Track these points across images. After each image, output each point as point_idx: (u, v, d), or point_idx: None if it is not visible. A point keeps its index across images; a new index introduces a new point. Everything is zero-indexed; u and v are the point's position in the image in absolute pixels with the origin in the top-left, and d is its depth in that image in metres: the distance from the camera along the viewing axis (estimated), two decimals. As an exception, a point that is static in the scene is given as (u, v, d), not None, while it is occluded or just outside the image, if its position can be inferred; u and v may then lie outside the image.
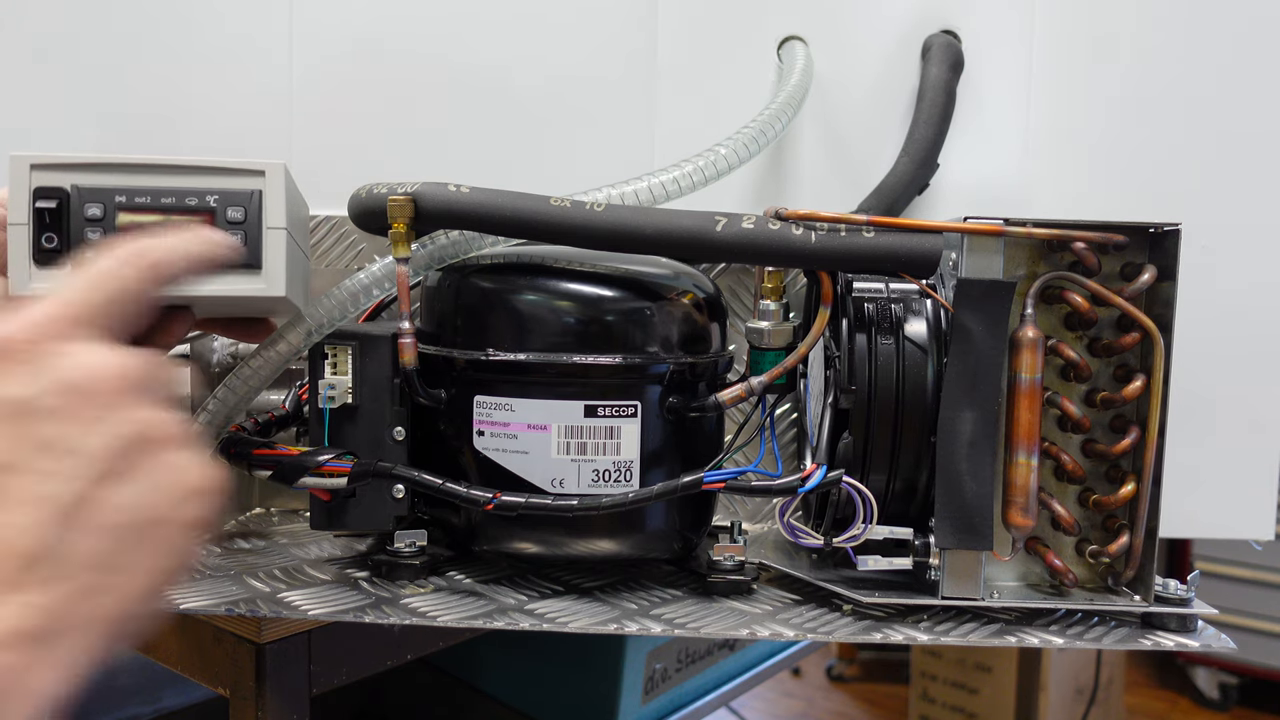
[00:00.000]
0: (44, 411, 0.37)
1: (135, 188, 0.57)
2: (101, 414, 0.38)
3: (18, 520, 0.36)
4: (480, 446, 0.67)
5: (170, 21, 0.88)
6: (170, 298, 0.58)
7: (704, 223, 0.63)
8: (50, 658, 0.36)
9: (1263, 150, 0.81)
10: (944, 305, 0.67)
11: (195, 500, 0.40)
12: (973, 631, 0.65)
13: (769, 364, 0.67)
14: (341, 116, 0.88)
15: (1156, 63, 0.82)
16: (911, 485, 0.68)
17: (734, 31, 0.86)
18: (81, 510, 0.37)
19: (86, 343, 0.40)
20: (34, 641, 0.35)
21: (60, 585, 0.36)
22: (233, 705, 0.70)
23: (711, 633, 0.64)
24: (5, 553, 0.35)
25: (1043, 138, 0.84)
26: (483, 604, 0.67)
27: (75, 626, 0.36)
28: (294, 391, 0.79)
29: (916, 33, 0.85)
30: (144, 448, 0.39)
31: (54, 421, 0.37)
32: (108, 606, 0.37)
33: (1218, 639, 0.66)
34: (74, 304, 0.41)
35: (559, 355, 0.65)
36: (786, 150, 0.86)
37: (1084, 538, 0.69)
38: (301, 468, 0.66)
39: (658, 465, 0.68)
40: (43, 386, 0.38)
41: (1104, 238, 0.63)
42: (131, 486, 0.38)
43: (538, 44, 0.88)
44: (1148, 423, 0.65)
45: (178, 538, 0.40)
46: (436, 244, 0.67)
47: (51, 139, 0.88)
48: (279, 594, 0.67)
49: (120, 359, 0.40)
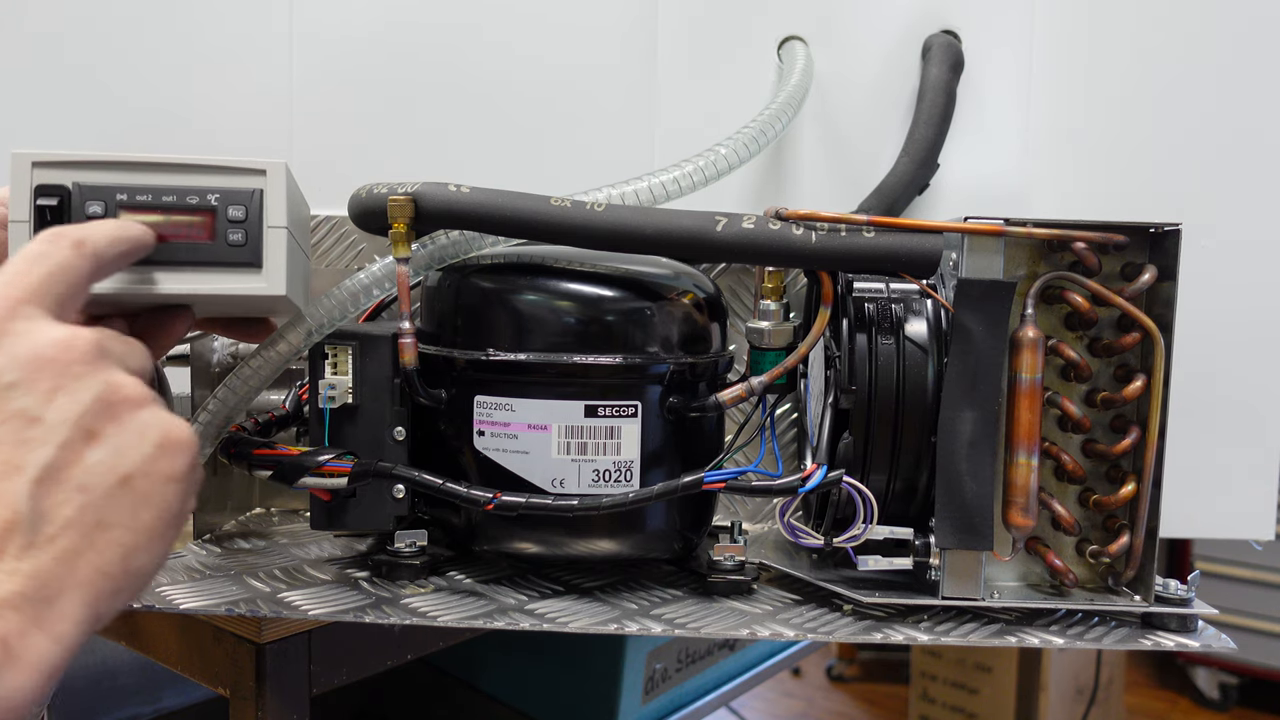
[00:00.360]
0: (6, 385, 0.38)
1: (136, 186, 0.57)
2: (62, 382, 0.39)
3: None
4: (480, 446, 0.67)
5: (171, 21, 0.88)
6: (170, 297, 0.58)
7: (704, 223, 0.63)
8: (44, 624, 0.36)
9: (1263, 150, 0.81)
10: (944, 305, 0.67)
11: (169, 454, 0.41)
12: (973, 631, 0.65)
13: (769, 364, 0.67)
14: (341, 116, 0.88)
15: (1156, 63, 0.82)
16: (912, 485, 0.68)
17: (734, 31, 0.86)
18: (55, 475, 0.38)
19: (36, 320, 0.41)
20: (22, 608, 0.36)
21: (43, 550, 0.37)
22: (233, 705, 0.70)
23: (711, 633, 0.64)
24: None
25: (1043, 138, 0.84)
26: (483, 604, 0.67)
27: (67, 589, 0.37)
28: (294, 391, 0.79)
29: (916, 33, 0.85)
30: (109, 410, 0.40)
31: (16, 394, 0.38)
32: (98, 566, 0.38)
33: (1218, 639, 0.66)
34: (14, 285, 0.42)
35: (559, 355, 0.66)
36: (786, 150, 0.86)
37: (1084, 538, 0.69)
38: (301, 468, 0.66)
39: (658, 465, 0.68)
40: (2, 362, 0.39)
41: (1104, 238, 0.63)
42: (102, 447, 0.39)
43: (538, 44, 0.88)
44: (1148, 423, 0.65)
45: (159, 491, 0.41)
46: (436, 244, 0.67)
47: (52, 137, 0.88)
48: (279, 594, 0.67)
49: (73, 331, 0.41)
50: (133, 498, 0.40)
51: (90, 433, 0.39)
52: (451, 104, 0.88)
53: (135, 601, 0.64)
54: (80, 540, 0.38)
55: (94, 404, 0.40)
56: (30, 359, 0.39)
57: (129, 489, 0.40)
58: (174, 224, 0.57)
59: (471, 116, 0.88)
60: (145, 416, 0.41)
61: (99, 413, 0.40)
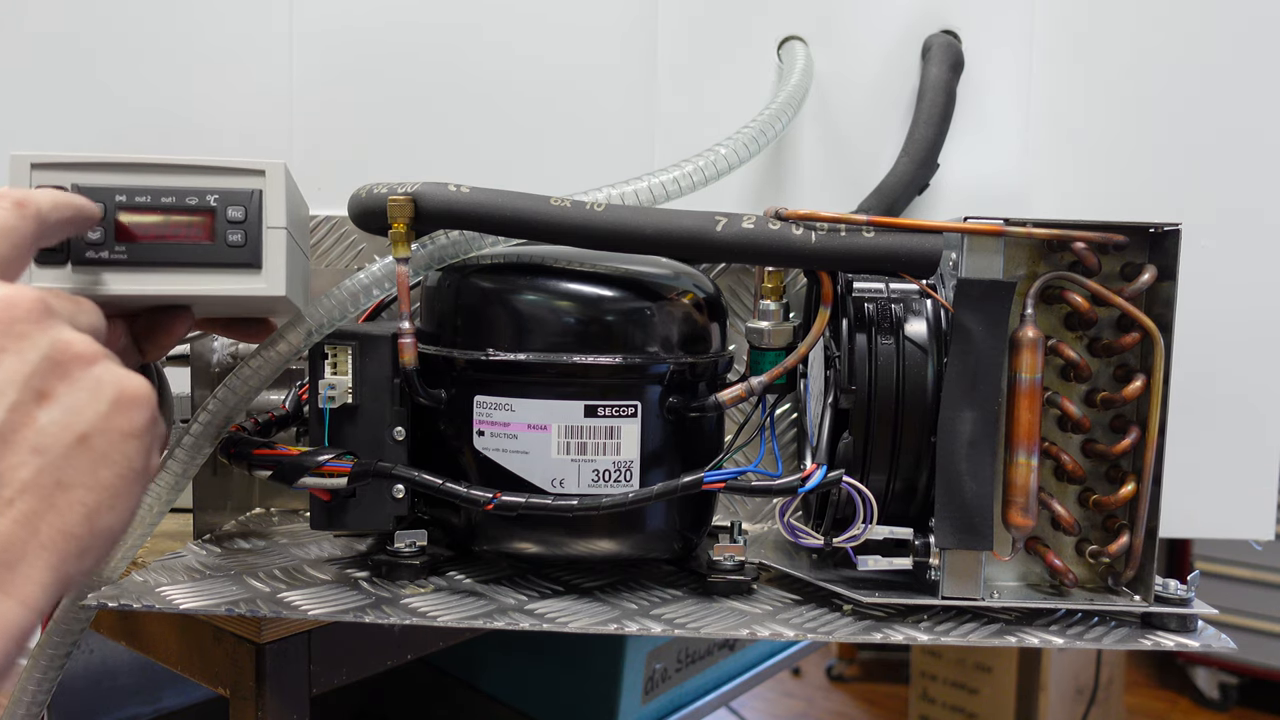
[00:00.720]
0: None
1: (136, 187, 0.57)
2: (6, 343, 0.38)
3: None
4: (480, 446, 0.67)
5: (170, 21, 0.88)
6: (170, 298, 0.58)
7: (704, 223, 0.63)
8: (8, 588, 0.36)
9: (1263, 150, 0.81)
10: (944, 305, 0.67)
11: (126, 409, 0.40)
12: (973, 631, 0.65)
13: (769, 364, 0.67)
14: (341, 117, 0.88)
15: (1156, 63, 0.82)
16: (911, 485, 0.68)
17: (734, 31, 0.86)
18: (7, 438, 0.37)
19: None
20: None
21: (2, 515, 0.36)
22: (233, 705, 0.70)
23: (711, 633, 0.64)
24: None
25: (1043, 138, 0.84)
26: (483, 604, 0.67)
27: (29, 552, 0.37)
28: (294, 391, 0.79)
29: (916, 33, 0.85)
30: (61, 368, 0.39)
31: None
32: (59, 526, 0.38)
33: (1218, 639, 0.66)
34: None
35: (559, 355, 0.66)
36: (786, 150, 0.86)
37: (1084, 538, 0.69)
38: (301, 468, 0.66)
39: (658, 465, 0.68)
40: None
41: (1104, 238, 0.63)
42: (55, 406, 0.39)
43: (538, 44, 0.88)
44: (1148, 423, 0.65)
45: (118, 448, 0.40)
46: (436, 244, 0.67)
47: (53, 137, 0.88)
48: (279, 594, 0.67)
49: (14, 289, 0.40)
50: (91, 456, 0.39)
51: (41, 393, 0.38)
52: (451, 104, 0.88)
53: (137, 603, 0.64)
54: (39, 503, 0.37)
55: (42, 363, 0.39)
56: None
57: (86, 447, 0.39)
58: (173, 225, 0.57)
59: (471, 116, 0.88)
60: (98, 373, 0.40)
61: (48, 372, 0.39)
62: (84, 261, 0.56)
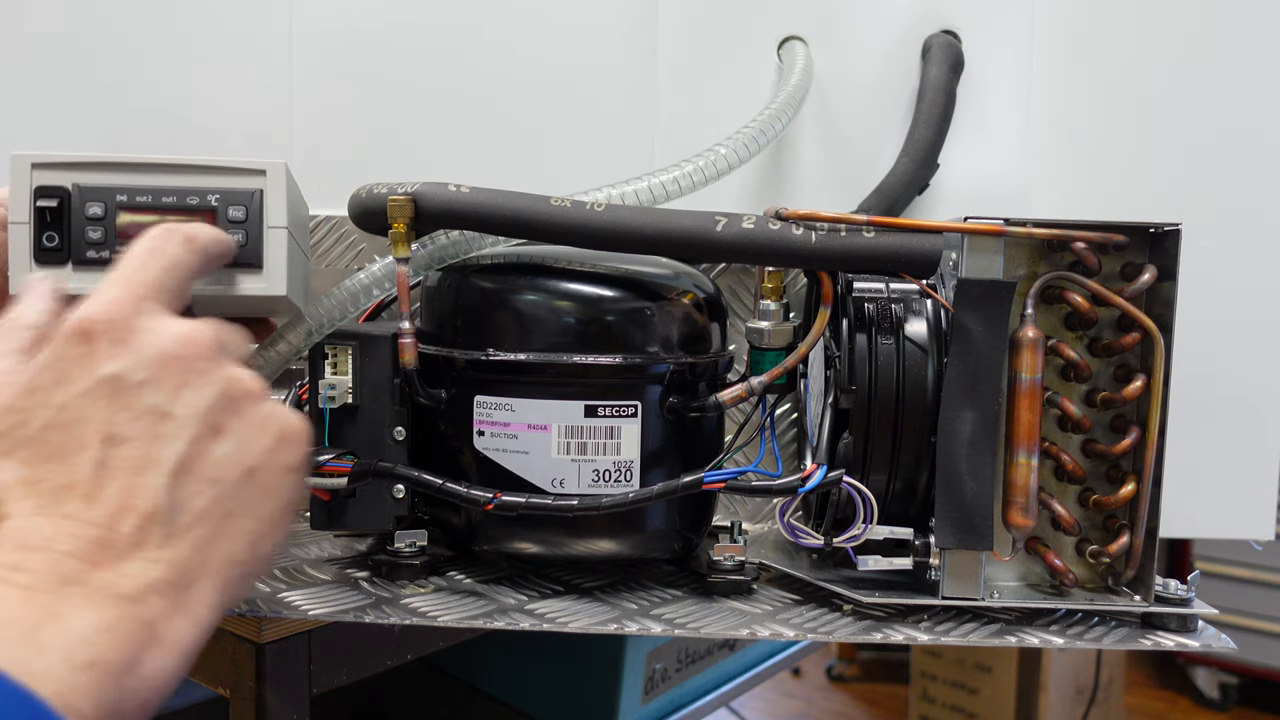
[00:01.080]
0: (138, 384, 0.40)
1: (136, 187, 0.57)
2: (188, 379, 0.41)
3: (133, 485, 0.38)
4: (480, 446, 0.67)
5: (170, 21, 0.88)
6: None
7: (704, 223, 0.63)
8: (184, 608, 0.38)
9: (1263, 150, 0.81)
10: (944, 305, 0.67)
11: (287, 445, 0.43)
12: (973, 631, 0.65)
13: (769, 364, 0.67)
14: (341, 117, 0.88)
15: (1156, 63, 0.82)
16: (911, 485, 0.68)
17: (734, 31, 0.86)
18: (187, 469, 0.40)
19: (159, 316, 0.42)
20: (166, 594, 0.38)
21: (180, 539, 0.39)
22: (233, 705, 0.70)
23: (711, 633, 0.64)
24: (126, 516, 0.38)
25: (1043, 138, 0.84)
26: (483, 604, 0.67)
27: (201, 576, 0.39)
28: (294, 391, 0.79)
29: (916, 33, 0.85)
30: (232, 404, 0.42)
31: (148, 391, 0.40)
32: (227, 553, 0.40)
33: (1218, 639, 0.66)
34: (136, 283, 0.43)
35: (559, 355, 0.66)
36: (786, 150, 0.86)
37: (1084, 538, 0.69)
38: (302, 467, 0.66)
39: (658, 465, 0.68)
40: (133, 361, 0.40)
41: (1104, 238, 0.63)
42: (228, 440, 0.41)
43: (538, 44, 0.88)
44: (1148, 423, 0.65)
45: (278, 481, 0.43)
46: (436, 244, 0.67)
47: (53, 137, 0.88)
48: (279, 594, 0.67)
49: (194, 326, 0.42)
50: (256, 488, 0.41)
51: (216, 427, 0.41)
52: (451, 104, 0.88)
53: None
54: (212, 530, 0.40)
55: (218, 399, 0.41)
56: (157, 356, 0.40)
57: (253, 480, 0.41)
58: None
59: (471, 116, 0.88)
60: (265, 409, 0.43)
61: (223, 407, 0.41)
62: (84, 261, 0.56)
